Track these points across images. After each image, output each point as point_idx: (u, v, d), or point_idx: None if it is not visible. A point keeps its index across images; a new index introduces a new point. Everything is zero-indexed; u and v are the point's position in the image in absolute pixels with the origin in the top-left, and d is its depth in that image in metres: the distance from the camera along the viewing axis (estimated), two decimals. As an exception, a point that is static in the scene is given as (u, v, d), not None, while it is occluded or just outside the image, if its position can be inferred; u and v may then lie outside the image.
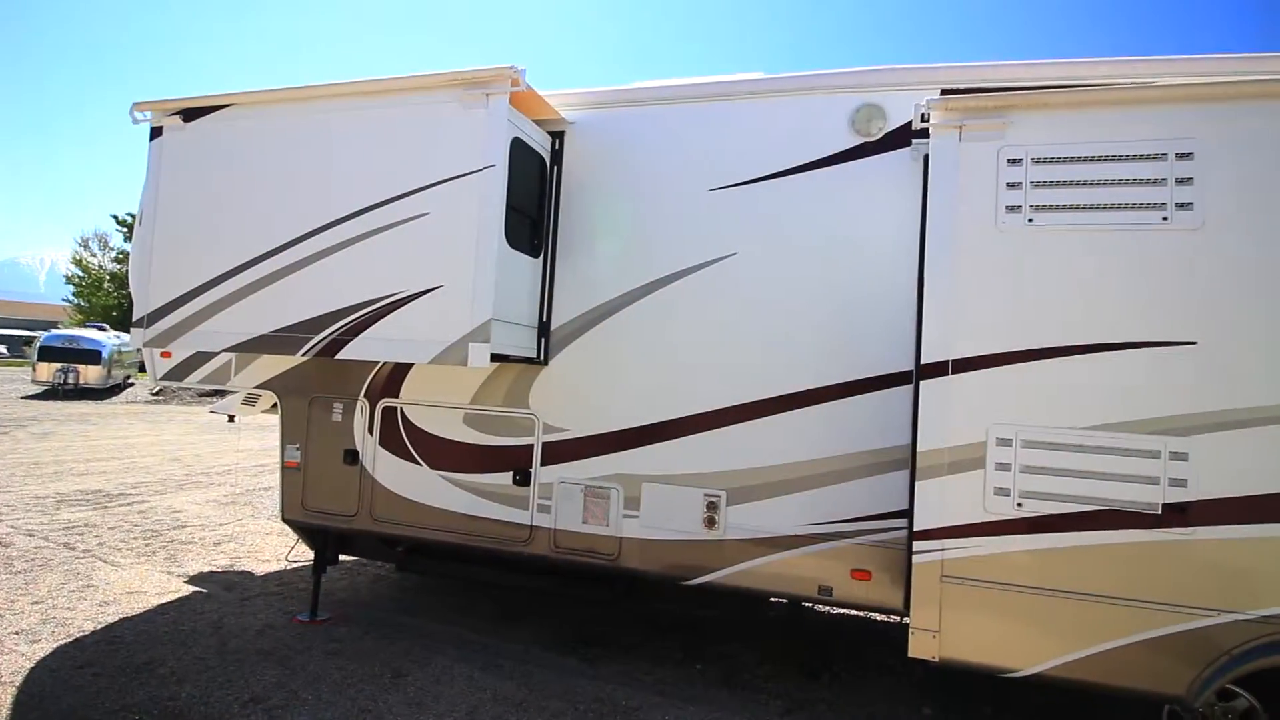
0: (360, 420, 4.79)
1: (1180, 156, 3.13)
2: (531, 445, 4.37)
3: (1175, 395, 3.03)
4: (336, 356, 4.08)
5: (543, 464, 4.34)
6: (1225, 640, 2.96)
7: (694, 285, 4.14)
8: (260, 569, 6.15)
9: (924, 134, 3.55)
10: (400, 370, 4.69)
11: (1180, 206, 3.11)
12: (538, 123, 4.37)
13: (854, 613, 5.25)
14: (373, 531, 4.76)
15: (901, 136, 3.87)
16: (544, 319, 4.37)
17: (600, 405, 4.27)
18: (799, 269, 4.00)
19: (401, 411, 4.69)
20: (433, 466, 4.57)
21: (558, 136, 4.47)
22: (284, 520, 5.11)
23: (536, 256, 4.37)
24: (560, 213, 4.44)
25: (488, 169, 3.84)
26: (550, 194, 4.44)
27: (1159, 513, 3.01)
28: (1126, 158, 3.19)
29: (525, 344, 4.27)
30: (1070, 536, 3.11)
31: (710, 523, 4.02)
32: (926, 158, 3.54)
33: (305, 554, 5.35)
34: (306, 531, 5.12)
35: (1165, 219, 3.12)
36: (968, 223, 3.34)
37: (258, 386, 5.14)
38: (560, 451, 4.31)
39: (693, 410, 4.10)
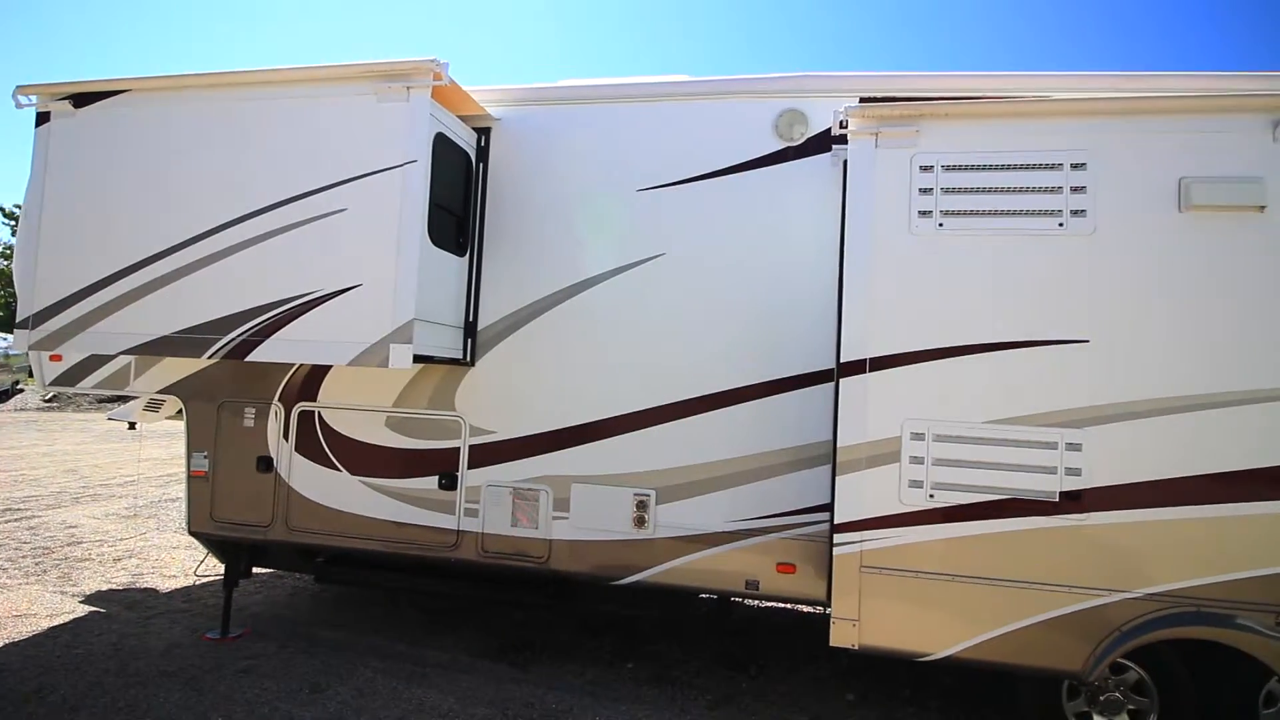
0: (274, 425, 4.56)
1: (1074, 166, 3.34)
2: (458, 448, 4.27)
3: (1070, 390, 3.24)
4: (247, 359, 3.88)
5: (470, 467, 4.25)
6: (1116, 617, 3.18)
7: (622, 286, 4.14)
8: (165, 585, 5.77)
9: (843, 140, 3.67)
10: (318, 372, 4.50)
11: (1075, 214, 3.32)
12: (463, 119, 4.28)
13: (780, 605, 5.38)
14: (289, 542, 4.55)
15: (823, 142, 3.99)
16: (470, 319, 4.28)
17: (529, 406, 4.22)
18: (726, 270, 4.06)
19: (319, 416, 4.50)
20: (353, 472, 4.41)
21: (484, 133, 4.39)
22: (191, 533, 4.82)
23: (462, 255, 4.28)
24: (487, 211, 4.36)
25: (409, 164, 3.73)
26: (476, 191, 4.35)
27: (1056, 500, 3.21)
28: (1026, 167, 3.38)
29: (450, 345, 4.17)
30: (978, 525, 3.28)
31: (640, 522, 4.03)
32: (846, 163, 3.66)
33: (216, 568, 5.06)
34: (216, 544, 4.84)
35: (1061, 225, 3.33)
36: (883, 226, 3.47)
37: (160, 391, 4.83)
38: (488, 454, 4.23)
39: (622, 410, 4.10)
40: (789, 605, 5.23)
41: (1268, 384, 3.08)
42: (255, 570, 5.04)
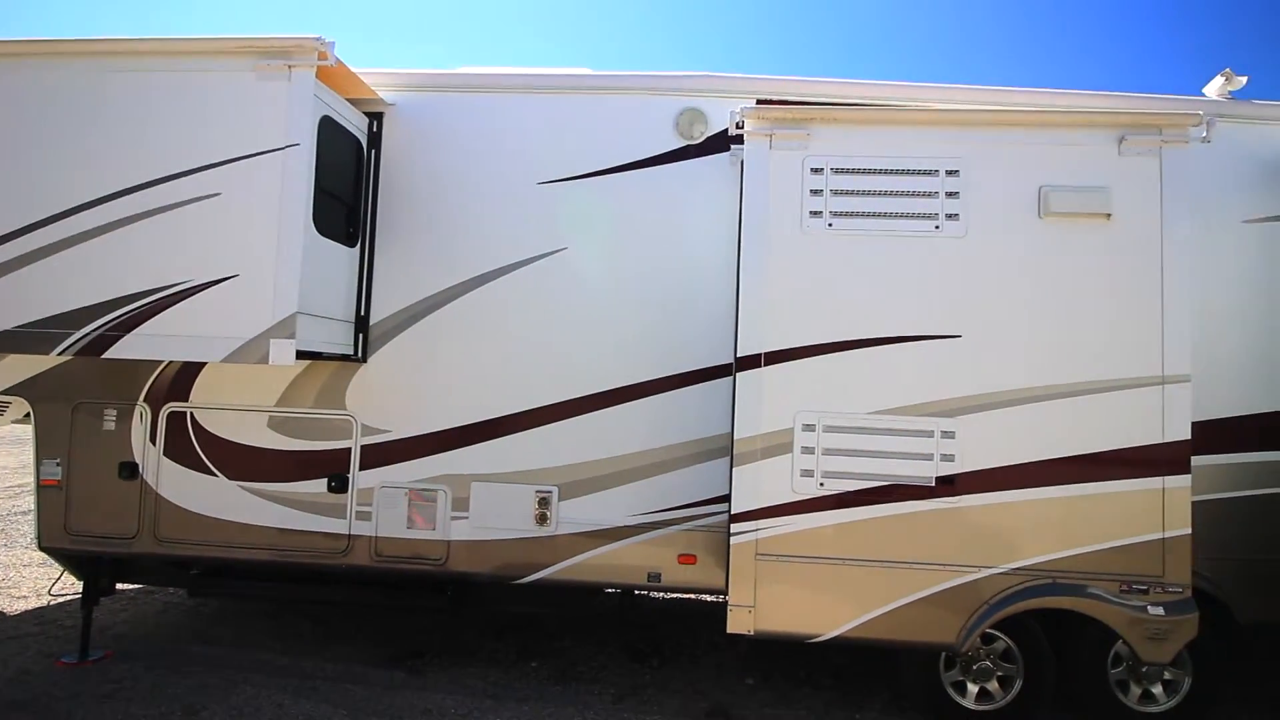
0: (140, 428, 4.18)
1: (949, 173, 3.57)
2: (349, 448, 4.07)
3: (945, 381, 3.46)
4: (104, 355, 3.54)
5: (362, 468, 4.06)
6: (985, 591, 3.44)
7: (524, 280, 4.08)
8: (14, 607, 5.18)
9: (741, 140, 3.76)
10: (190, 370, 4.16)
11: (949, 217, 3.55)
12: (353, 102, 4.07)
13: (685, 596, 5.47)
14: (158, 554, 4.19)
15: (722, 141, 4.07)
16: (362, 313, 4.08)
17: (426, 404, 4.07)
18: (628, 266, 4.07)
19: (192, 416, 4.16)
20: (231, 477, 4.11)
21: (376, 118, 4.20)
22: (42, 548, 4.35)
23: (353, 246, 4.07)
24: (380, 200, 4.17)
25: (291, 148, 3.52)
26: (368, 179, 4.16)
27: (933, 485, 3.43)
28: (907, 172, 3.58)
29: (340, 340, 3.96)
30: (863, 510, 3.46)
31: (542, 519, 3.98)
32: (743, 163, 3.75)
33: (73, 586, 4.58)
34: (72, 560, 4.39)
35: (937, 228, 3.55)
36: (777, 226, 3.59)
37: (4, 392, 4.32)
38: (382, 454, 4.05)
39: (524, 406, 4.04)
40: (693, 596, 5.33)
41: (1115, 374, 3.41)
42: (120, 586, 4.61)
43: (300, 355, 3.64)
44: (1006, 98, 4.11)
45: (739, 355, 3.55)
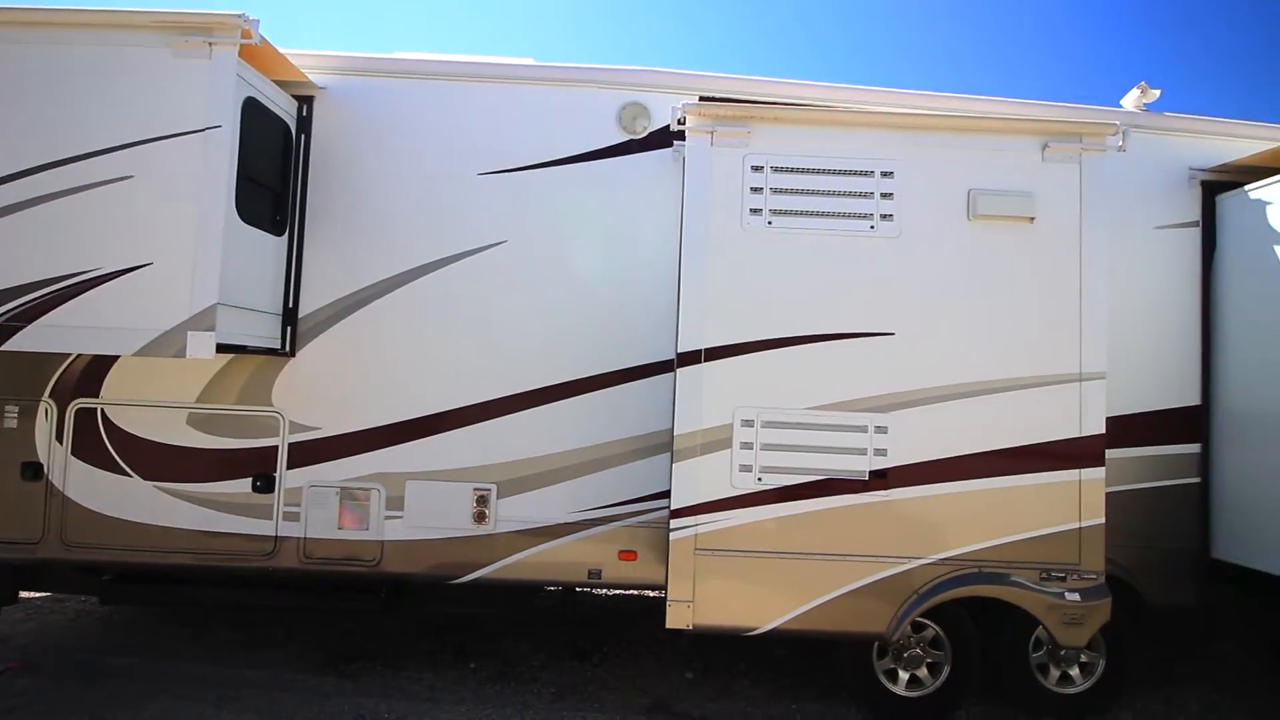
0: (45, 426, 3.91)
1: (884, 174, 3.65)
2: (275, 447, 3.90)
3: (878, 378, 3.54)
4: (3, 347, 3.29)
5: (290, 467, 3.89)
6: (915, 581, 3.54)
7: (463, 272, 3.98)
8: (-99, 621, 4.78)
9: (683, 136, 3.75)
10: (101, 364, 3.91)
11: (884, 217, 3.63)
12: (281, 85, 3.89)
13: (628, 592, 5.47)
14: (66, 560, 3.93)
15: (665, 137, 4.06)
16: (290, 305, 3.91)
17: (359, 400, 3.94)
18: (570, 260, 4.03)
19: (103, 414, 3.91)
20: (147, 477, 3.88)
21: (306, 102, 4.02)
22: (-68, 556, 4.01)
23: (280, 235, 3.90)
24: (309, 187, 4.00)
25: (212, 130, 3.33)
26: (297, 166, 3.98)
27: (866, 479, 3.51)
28: (844, 172, 3.64)
29: (266, 333, 3.79)
30: (800, 504, 3.51)
31: (481, 517, 3.91)
32: (685, 159, 3.75)
33: (-32, 596, 4.26)
34: (-32, 568, 4.07)
35: (872, 228, 3.62)
36: (718, 222, 3.60)
37: (-114, 388, 3.98)
38: (311, 452, 3.90)
39: (462, 402, 3.95)
40: (635, 592, 5.33)
41: (1037, 372, 3.55)
42: (24, 595, 4.31)
43: (222, 349, 3.47)
44: (939, 103, 4.23)
45: (680, 351, 3.55)
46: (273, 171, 3.85)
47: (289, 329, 3.90)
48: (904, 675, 3.85)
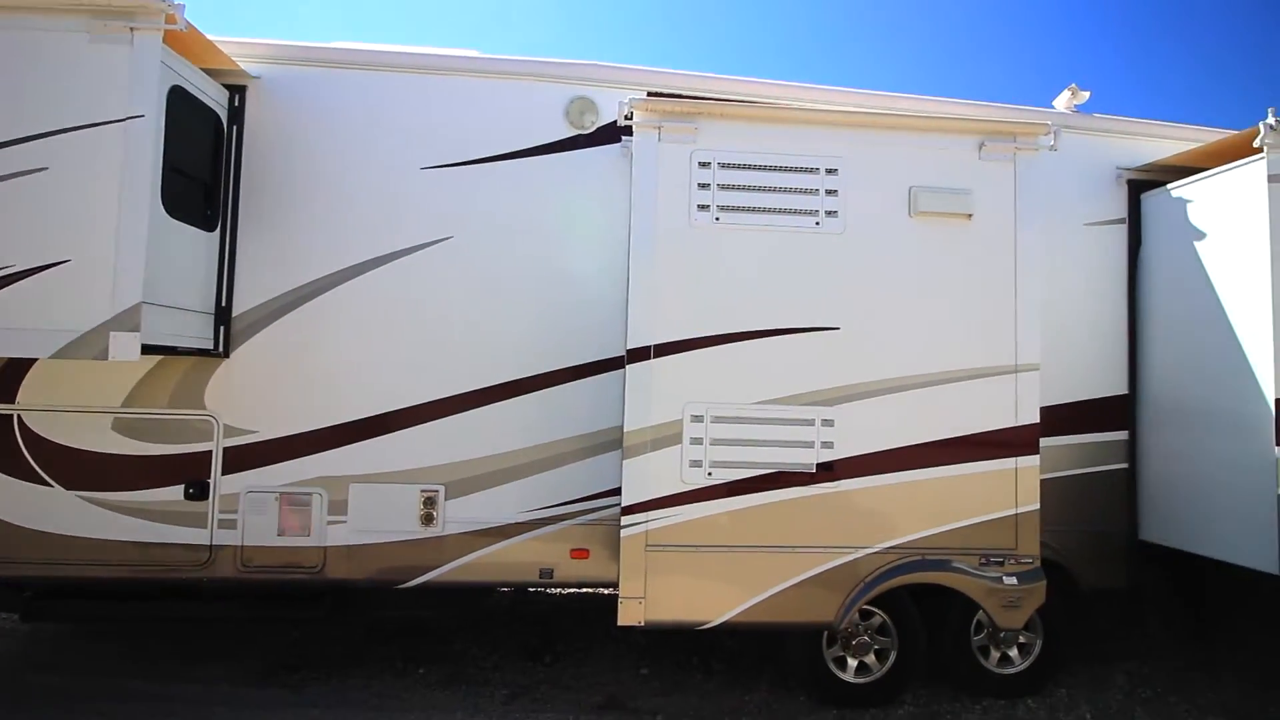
0: (-46, 434, 3.66)
1: (829, 172, 3.70)
2: (209, 451, 3.74)
3: (825, 371, 3.60)
4: (-97, 351, 3.06)
5: (225, 472, 3.74)
6: (862, 570, 3.61)
7: (406, 270, 3.89)
8: None
9: (631, 131, 3.74)
10: (17, 367, 3.68)
11: (829, 214, 3.68)
12: (211, 74, 3.73)
13: (582, 590, 5.44)
14: (-19, 576, 3.69)
15: (614, 132, 4.03)
16: (223, 303, 3.75)
17: (298, 401, 3.81)
18: (518, 257, 3.97)
19: (19, 420, 3.68)
20: (70, 486, 3.68)
21: (238, 92, 3.86)
22: None
23: (211, 230, 3.73)
24: (242, 181, 3.84)
25: (134, 119, 3.16)
26: (229, 158, 3.82)
27: (814, 471, 3.57)
28: (790, 169, 3.68)
29: (197, 333, 3.63)
30: (750, 498, 3.55)
31: (428, 519, 3.82)
32: (633, 154, 3.73)
33: None
34: None
35: (818, 224, 3.67)
36: (666, 218, 3.60)
37: None
38: (247, 456, 3.75)
39: (408, 402, 3.86)
40: (589, 590, 5.30)
41: (975, 364, 3.66)
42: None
43: (148, 350, 3.30)
44: (882, 102, 4.32)
45: (629, 348, 3.54)
46: (202, 164, 3.69)
47: (222, 328, 3.74)
48: (852, 662, 3.93)
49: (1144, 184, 4.34)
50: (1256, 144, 3.63)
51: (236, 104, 3.84)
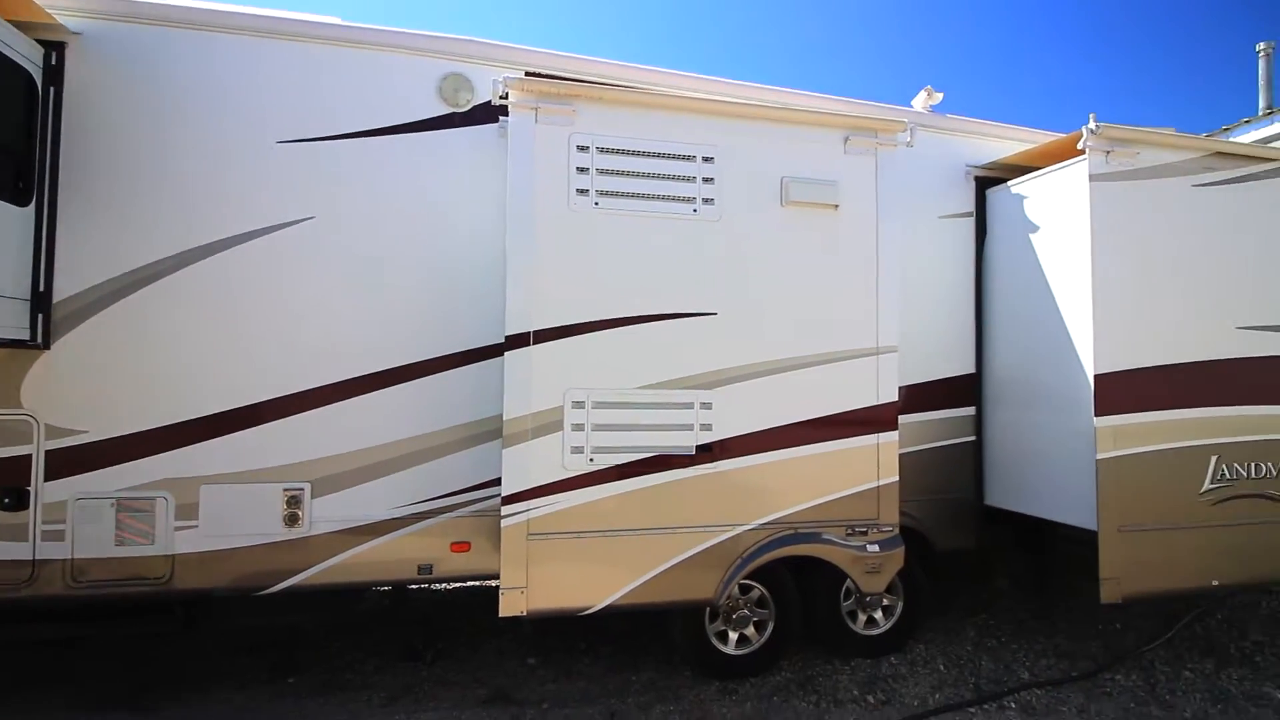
0: None
1: (706, 160, 3.77)
2: (29, 455, 3.32)
3: (703, 356, 3.68)
4: None
5: (48, 479, 3.34)
6: (739, 547, 3.74)
7: (261, 252, 3.60)
8: None
9: (507, 111, 3.63)
10: None
11: (706, 201, 3.76)
12: (21, 28, 3.27)
13: (463, 585, 5.31)
14: None
15: (491, 112, 3.91)
16: (41, 288, 3.33)
17: (136, 397, 3.45)
18: (389, 239, 3.78)
19: None
20: None
21: (55, 49, 3.41)
22: None
23: (24, 205, 3.29)
24: (63, 150, 3.41)
25: (-86, 74, 2.72)
26: (45, 124, 3.37)
27: (693, 453, 3.65)
28: (668, 156, 3.72)
29: (9, 321, 3.19)
30: (632, 482, 3.58)
31: (293, 519, 3.59)
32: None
33: None
34: None
35: (695, 211, 3.74)
36: (544, 202, 3.54)
37: None
38: (76, 460, 3.36)
39: (267, 395, 3.59)
40: (477, 583, 5.19)
41: (842, 347, 3.86)
42: None
43: (-57, 341, 2.87)
44: (758, 94, 4.44)
45: (508, 334, 3.46)
46: (11, 130, 3.23)
47: (40, 316, 3.31)
48: (734, 635, 4.08)
49: (989, 180, 4.75)
50: (1080, 146, 4.04)
51: (54, 62, 3.39)
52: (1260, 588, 5.10)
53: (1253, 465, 4.16)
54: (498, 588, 3.45)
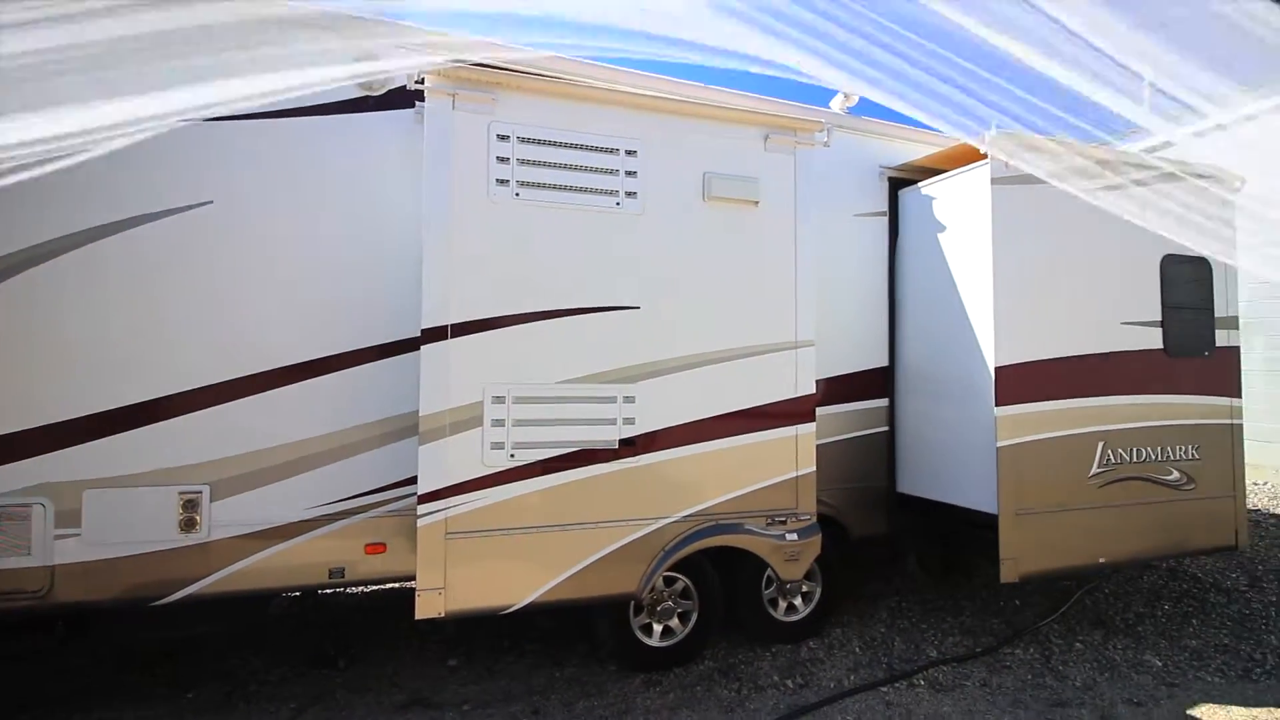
0: None
1: (629, 153, 3.76)
2: (-126, 461, 2.98)
3: (626, 350, 3.68)
4: None
5: (-101, 486, 3.01)
6: (662, 539, 3.77)
7: (150, 238, 3.36)
8: None
9: (424, 96, 3.51)
10: None
11: (629, 195, 3.75)
12: None
13: (381, 587, 5.14)
14: None
15: (407, 97, 3.77)
16: (-112, 275, 2.99)
17: (11, 393, 3.14)
18: (296, 227, 3.60)
19: None
20: None
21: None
22: None
23: None
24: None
25: None
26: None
27: (616, 447, 3.64)
28: (591, 148, 3.68)
29: None
30: (554, 478, 3.54)
31: (190, 524, 3.37)
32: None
33: None
34: None
35: (618, 204, 3.72)
36: (462, 192, 3.44)
37: None
38: (-67, 465, 3.05)
39: (159, 392, 3.36)
40: (396, 585, 5.03)
41: (761, 341, 3.94)
42: None
43: None
44: (681, 89, 4.45)
45: (424, 327, 3.36)
46: None
47: (-112, 307, 2.98)
48: (658, 627, 4.10)
49: (902, 181, 4.94)
50: (983, 150, 4.25)
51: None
52: (1142, 563, 5.54)
53: (1134, 450, 4.51)
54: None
